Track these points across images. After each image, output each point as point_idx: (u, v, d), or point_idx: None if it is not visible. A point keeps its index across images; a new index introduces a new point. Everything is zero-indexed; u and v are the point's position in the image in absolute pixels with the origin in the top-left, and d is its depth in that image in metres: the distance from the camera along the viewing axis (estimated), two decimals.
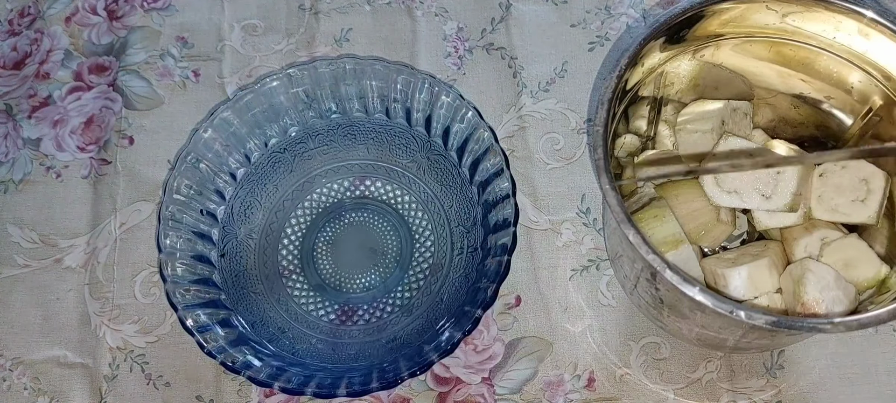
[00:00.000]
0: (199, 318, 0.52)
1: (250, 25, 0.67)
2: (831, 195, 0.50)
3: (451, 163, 0.59)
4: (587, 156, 0.61)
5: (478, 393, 0.55)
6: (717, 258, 0.52)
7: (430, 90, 0.57)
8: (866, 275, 0.48)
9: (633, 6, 0.66)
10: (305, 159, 0.61)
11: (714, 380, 0.55)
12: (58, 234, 0.60)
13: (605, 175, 0.44)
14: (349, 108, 0.60)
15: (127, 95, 0.64)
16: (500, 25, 0.66)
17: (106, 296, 0.58)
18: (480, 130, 0.56)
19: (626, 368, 0.56)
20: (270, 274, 0.58)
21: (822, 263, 0.48)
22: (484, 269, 0.55)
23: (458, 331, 0.51)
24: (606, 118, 0.45)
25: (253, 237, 0.59)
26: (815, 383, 0.55)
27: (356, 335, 0.56)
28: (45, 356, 0.57)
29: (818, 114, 0.53)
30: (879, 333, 0.56)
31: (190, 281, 0.54)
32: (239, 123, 0.58)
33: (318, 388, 0.50)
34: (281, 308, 0.57)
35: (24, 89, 0.65)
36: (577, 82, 0.64)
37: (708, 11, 0.48)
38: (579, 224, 0.59)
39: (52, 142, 0.63)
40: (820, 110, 0.53)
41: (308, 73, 0.58)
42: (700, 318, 0.47)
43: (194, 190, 0.57)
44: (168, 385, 0.56)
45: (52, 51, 0.66)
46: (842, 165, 0.50)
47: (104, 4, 0.68)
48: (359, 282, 0.58)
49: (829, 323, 0.41)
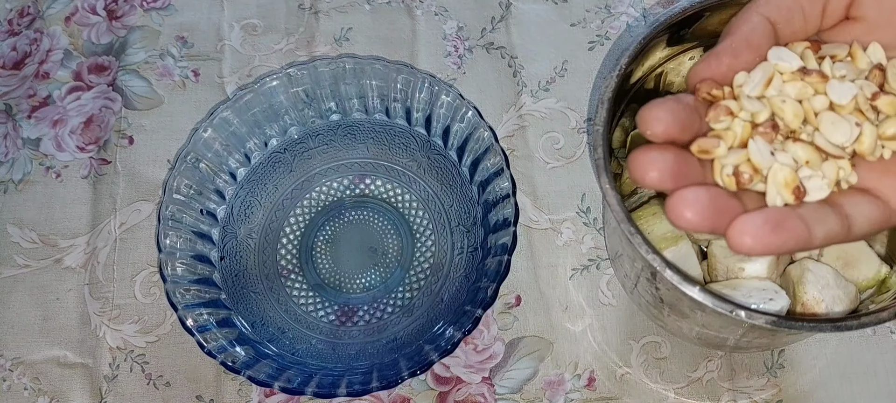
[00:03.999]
0: (199, 318, 0.52)
1: (250, 25, 0.66)
2: None
3: (451, 162, 0.59)
4: (587, 156, 0.61)
5: (478, 393, 0.55)
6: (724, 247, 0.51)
7: (430, 89, 0.57)
8: (866, 275, 0.48)
9: (634, 5, 0.66)
10: (305, 159, 0.61)
11: (714, 379, 0.55)
12: (58, 234, 0.60)
13: (605, 174, 0.44)
14: (349, 108, 0.60)
15: (127, 95, 0.64)
16: (500, 24, 0.66)
17: (106, 296, 0.58)
18: (480, 130, 0.56)
19: (627, 367, 0.56)
20: (270, 274, 0.58)
21: (822, 263, 0.48)
22: (484, 269, 0.55)
23: (459, 331, 0.51)
24: (607, 117, 0.45)
25: (253, 237, 0.59)
26: (815, 382, 0.55)
27: (356, 335, 0.56)
28: (45, 356, 0.57)
29: None
30: (879, 333, 0.56)
31: (190, 281, 0.54)
32: (239, 123, 0.58)
33: (318, 388, 0.50)
34: (281, 308, 0.57)
35: (24, 89, 0.65)
36: (578, 81, 0.64)
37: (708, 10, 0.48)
38: (579, 223, 0.59)
39: (51, 142, 0.63)
40: None
41: (308, 73, 0.58)
42: (700, 317, 0.47)
43: (194, 189, 0.57)
44: (168, 385, 0.56)
45: (52, 51, 0.66)
46: None
47: (104, 4, 0.67)
48: (359, 282, 0.58)
49: (830, 322, 0.41)
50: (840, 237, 0.32)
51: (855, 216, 0.32)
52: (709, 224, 0.31)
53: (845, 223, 0.32)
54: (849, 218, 0.32)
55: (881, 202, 0.33)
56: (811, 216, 0.31)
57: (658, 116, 0.32)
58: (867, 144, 0.33)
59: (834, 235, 0.32)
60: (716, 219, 0.31)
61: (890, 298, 0.46)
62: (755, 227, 0.30)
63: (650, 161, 0.31)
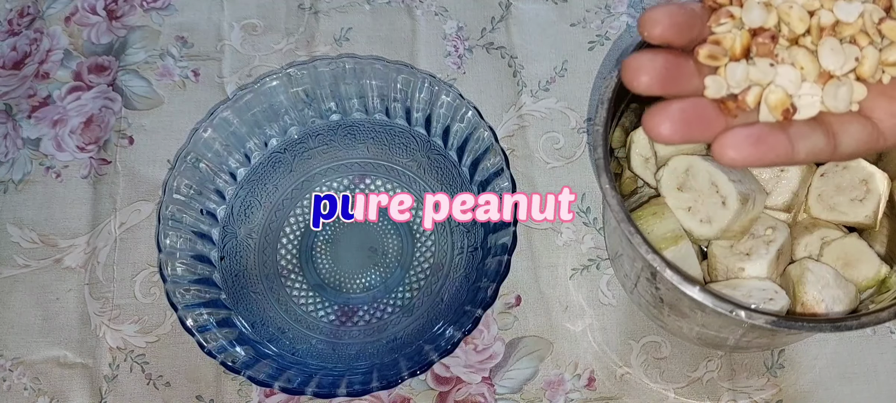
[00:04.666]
0: (199, 318, 0.52)
1: (250, 25, 0.66)
2: (831, 193, 0.50)
3: (451, 162, 0.59)
4: (587, 155, 0.61)
5: (478, 393, 0.55)
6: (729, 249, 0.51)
7: (430, 89, 0.57)
8: (866, 275, 0.48)
9: (633, 5, 0.66)
10: (305, 159, 0.61)
11: (714, 379, 0.55)
12: (58, 234, 0.60)
13: (605, 174, 0.44)
14: (349, 108, 0.60)
15: (127, 95, 0.64)
16: (500, 24, 0.66)
17: (106, 296, 0.58)
18: (480, 130, 0.56)
19: (627, 367, 0.56)
20: (270, 274, 0.58)
21: (822, 263, 0.48)
22: (484, 269, 0.55)
23: (459, 331, 0.51)
24: (606, 117, 0.45)
25: (253, 237, 0.59)
26: (815, 382, 0.55)
27: (356, 335, 0.56)
28: (45, 356, 0.57)
29: None
30: (879, 333, 0.56)
31: (190, 281, 0.54)
32: (239, 123, 0.58)
33: (318, 388, 0.50)
34: (281, 308, 0.57)
35: (24, 89, 0.65)
36: (577, 81, 0.64)
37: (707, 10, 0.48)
38: (579, 223, 0.59)
39: (51, 142, 0.63)
40: None
41: (308, 73, 0.58)
42: (700, 317, 0.47)
43: (194, 189, 0.57)
44: (168, 385, 0.56)
45: (52, 50, 0.66)
46: (843, 166, 0.50)
47: (104, 4, 0.67)
48: (359, 282, 0.58)
49: (829, 322, 0.41)
50: (825, 154, 0.33)
51: (842, 135, 0.33)
52: (681, 136, 0.31)
53: (832, 141, 0.32)
54: (836, 137, 0.33)
55: (871, 124, 0.33)
56: (796, 132, 0.32)
57: (655, 18, 0.32)
58: (868, 67, 0.33)
59: (818, 152, 0.32)
60: (692, 130, 0.32)
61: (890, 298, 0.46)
62: (738, 140, 0.31)
63: (641, 64, 0.31)
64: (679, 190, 0.48)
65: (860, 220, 0.49)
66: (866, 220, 0.49)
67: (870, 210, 0.49)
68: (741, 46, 0.33)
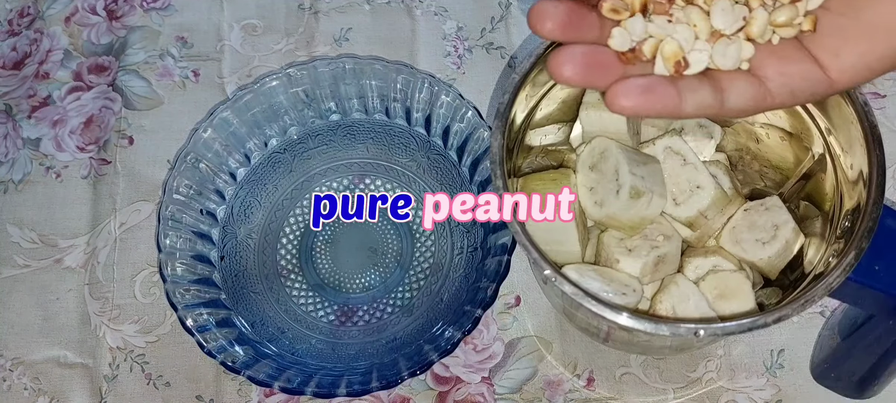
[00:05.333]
0: (199, 318, 0.52)
1: (250, 25, 0.67)
2: (743, 229, 0.49)
3: (450, 162, 0.59)
4: None
5: (478, 393, 0.55)
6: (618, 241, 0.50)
7: (430, 89, 0.57)
8: (735, 310, 0.47)
9: None
10: (305, 159, 0.61)
11: (714, 379, 0.55)
12: (58, 234, 0.60)
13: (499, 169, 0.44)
14: (349, 108, 0.60)
15: (126, 95, 0.64)
16: (500, 24, 0.66)
17: (106, 296, 0.58)
18: (480, 130, 0.56)
19: (627, 367, 0.56)
20: (270, 274, 0.58)
21: (694, 285, 0.48)
22: (484, 269, 0.55)
23: (458, 331, 0.51)
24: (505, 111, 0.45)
25: (253, 237, 0.59)
26: (815, 382, 0.55)
27: (356, 335, 0.56)
28: (45, 356, 0.57)
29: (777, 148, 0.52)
30: None
31: (190, 281, 0.54)
32: (238, 123, 0.58)
33: (318, 388, 0.50)
34: (280, 308, 0.57)
35: (24, 89, 0.65)
36: None
37: None
38: None
39: (51, 143, 0.63)
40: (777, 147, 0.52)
41: (307, 73, 0.58)
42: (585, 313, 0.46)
43: (194, 190, 0.57)
44: (168, 385, 0.56)
45: (52, 51, 0.66)
46: (765, 206, 0.49)
47: (104, 4, 0.68)
48: (358, 282, 0.58)
49: (691, 328, 0.41)
50: (712, 109, 0.34)
51: (730, 91, 0.34)
52: (580, 78, 0.33)
53: (719, 97, 0.34)
54: (723, 92, 0.34)
55: (759, 81, 0.34)
56: (686, 85, 0.34)
57: None
58: (756, 28, 0.34)
59: (706, 106, 0.34)
60: (592, 74, 0.34)
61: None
62: (629, 88, 0.33)
63: (545, 10, 0.33)
64: (591, 169, 0.48)
65: (756, 262, 0.48)
66: (761, 263, 0.48)
67: (768, 254, 0.48)
68: (640, 2, 0.35)
